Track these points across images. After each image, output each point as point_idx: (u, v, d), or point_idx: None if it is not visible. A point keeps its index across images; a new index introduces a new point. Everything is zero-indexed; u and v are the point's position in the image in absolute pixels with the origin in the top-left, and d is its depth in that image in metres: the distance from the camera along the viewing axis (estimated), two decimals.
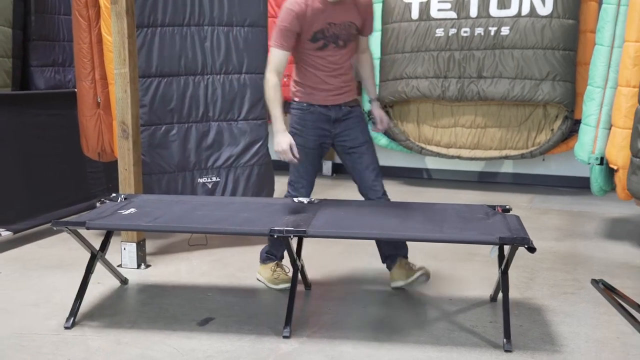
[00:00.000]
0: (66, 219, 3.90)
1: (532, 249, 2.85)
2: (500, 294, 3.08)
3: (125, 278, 3.74)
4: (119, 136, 3.96)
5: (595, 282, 3.76)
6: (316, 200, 3.47)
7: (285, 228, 2.99)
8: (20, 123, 4.72)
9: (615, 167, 4.37)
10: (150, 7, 4.16)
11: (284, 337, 2.99)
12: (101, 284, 3.68)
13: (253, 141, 4.51)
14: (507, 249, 3.03)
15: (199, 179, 4.43)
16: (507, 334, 2.90)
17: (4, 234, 4.43)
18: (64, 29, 5.84)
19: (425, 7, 6.12)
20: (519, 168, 6.85)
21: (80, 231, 3.19)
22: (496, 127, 6.23)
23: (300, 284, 3.52)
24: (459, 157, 6.38)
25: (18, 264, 4.09)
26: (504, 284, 3.02)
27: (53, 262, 4.13)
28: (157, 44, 4.22)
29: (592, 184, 4.69)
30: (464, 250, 4.34)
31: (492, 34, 5.93)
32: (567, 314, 3.34)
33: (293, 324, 3.05)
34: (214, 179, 4.46)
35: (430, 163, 7.13)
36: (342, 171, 7.24)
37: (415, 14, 6.14)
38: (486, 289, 3.64)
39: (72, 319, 3.12)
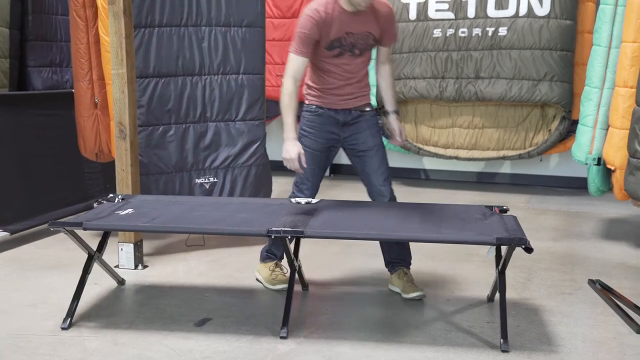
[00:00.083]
0: (63, 220, 3.89)
1: (529, 250, 2.85)
2: (498, 294, 3.08)
3: (123, 279, 3.74)
4: (116, 137, 3.95)
5: (592, 283, 3.76)
6: (314, 201, 3.48)
7: (283, 228, 2.99)
8: (17, 123, 4.71)
9: (613, 168, 4.37)
10: (148, 7, 4.16)
11: (282, 338, 2.99)
12: (98, 284, 3.67)
13: (251, 142, 4.51)
14: (504, 249, 3.03)
15: (197, 180, 4.43)
16: (504, 334, 2.90)
17: (1, 234, 4.43)
18: (61, 29, 5.84)
19: (423, 7, 6.13)
20: (517, 168, 6.86)
21: (78, 232, 3.18)
22: (494, 128, 6.24)
23: (297, 284, 3.52)
24: (456, 158, 6.39)
25: (15, 265, 4.08)
26: (501, 284, 3.02)
27: (50, 262, 4.13)
28: (155, 45, 4.22)
29: (589, 185, 4.69)
30: (462, 251, 4.34)
31: (490, 34, 5.94)
32: (564, 314, 3.34)
33: (290, 324, 3.05)
34: (211, 179, 4.45)
35: (428, 163, 7.13)
36: (340, 172, 7.24)
37: (413, 15, 6.15)
38: (483, 289, 3.64)
39: (69, 319, 3.12)
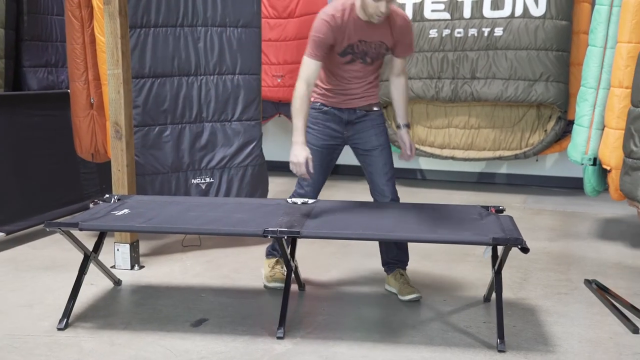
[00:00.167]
0: (59, 220, 3.89)
1: (525, 250, 2.86)
2: (494, 295, 3.08)
3: (119, 279, 3.73)
4: (112, 137, 3.95)
5: (588, 283, 3.77)
6: (310, 201, 3.47)
7: (279, 229, 2.98)
8: (13, 124, 4.70)
9: (608, 168, 4.38)
10: (143, 7, 4.15)
11: (278, 338, 2.99)
12: (94, 285, 3.66)
13: (247, 142, 4.51)
14: (500, 249, 3.03)
15: (193, 180, 4.42)
16: (501, 334, 2.91)
17: None
18: (56, 30, 5.83)
19: (418, 7, 6.14)
20: (513, 169, 6.87)
21: (74, 232, 3.17)
22: (490, 128, 6.25)
23: (293, 283, 3.52)
24: (452, 158, 6.40)
25: (11, 265, 4.07)
26: (497, 284, 3.02)
27: (46, 263, 4.12)
28: (151, 45, 4.21)
29: (585, 185, 4.70)
30: (458, 251, 4.35)
31: (486, 34, 5.95)
32: (560, 314, 3.34)
33: (287, 324, 3.05)
34: (207, 179, 4.45)
35: (424, 164, 7.14)
36: (336, 172, 7.21)
37: (409, 15, 6.13)
38: (480, 289, 3.64)
39: (65, 320, 3.11)
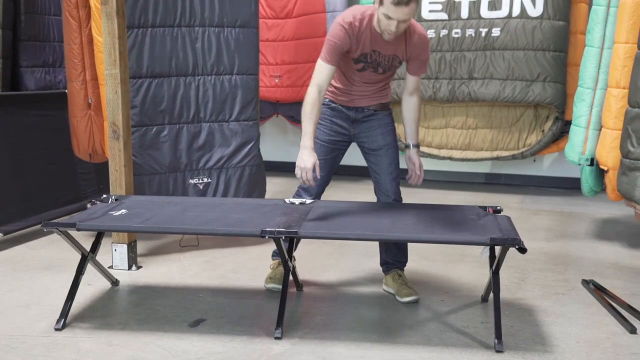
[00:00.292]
0: (56, 220, 3.89)
1: (523, 250, 2.86)
2: (492, 295, 3.09)
3: (116, 279, 3.73)
4: (109, 137, 3.94)
5: (585, 283, 3.77)
6: (308, 201, 3.47)
7: (277, 229, 2.98)
8: (10, 124, 4.69)
9: (606, 168, 4.39)
10: (141, 7, 4.15)
11: (276, 338, 2.99)
12: (92, 285, 3.66)
13: (244, 142, 4.51)
14: (498, 249, 3.04)
15: (190, 180, 4.42)
16: (498, 334, 2.91)
17: None
18: (54, 30, 5.82)
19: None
20: (510, 169, 6.87)
21: (71, 232, 3.17)
22: (487, 128, 6.26)
23: (291, 284, 3.52)
24: (450, 158, 6.40)
25: (8, 266, 4.07)
26: (495, 284, 3.03)
27: (43, 263, 4.11)
28: (148, 45, 4.21)
29: (582, 185, 4.71)
30: (456, 251, 4.35)
31: (483, 35, 5.95)
32: (558, 314, 3.35)
33: (285, 325, 3.05)
34: (205, 180, 4.45)
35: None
36: (335, 172, 7.22)
37: None
38: (477, 289, 3.65)
39: (63, 320, 3.11)
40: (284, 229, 2.99)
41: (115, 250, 3.98)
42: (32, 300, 3.48)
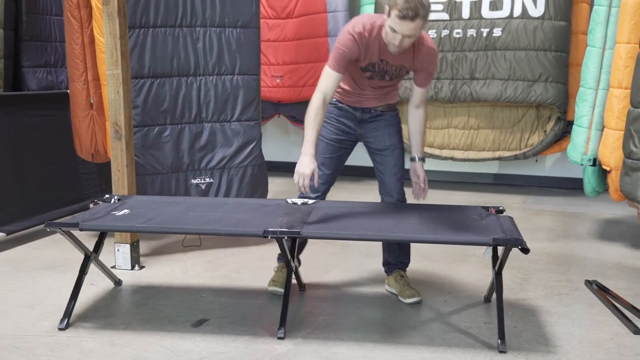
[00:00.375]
0: (59, 220, 3.89)
1: (525, 250, 2.86)
2: (494, 295, 3.08)
3: (119, 279, 3.73)
4: (112, 137, 3.94)
5: (588, 283, 3.77)
6: (310, 202, 3.47)
7: (279, 229, 2.98)
8: (12, 124, 4.70)
9: (608, 169, 4.39)
10: (142, 8, 4.15)
11: (279, 338, 2.99)
12: (95, 285, 3.66)
13: (246, 142, 4.51)
14: (500, 250, 3.03)
15: (193, 180, 4.42)
16: (501, 334, 2.91)
17: None
18: (56, 30, 5.82)
19: None
20: (512, 169, 6.87)
21: (74, 232, 3.17)
22: (489, 129, 6.25)
23: (294, 284, 3.52)
24: (452, 159, 6.40)
25: (11, 266, 4.07)
26: (497, 284, 3.02)
27: (46, 263, 4.11)
28: (150, 45, 4.21)
29: (585, 185, 4.71)
30: (458, 252, 4.35)
31: (485, 35, 5.95)
32: (561, 315, 3.35)
33: (287, 325, 3.05)
34: (207, 180, 4.45)
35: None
36: None
37: None
38: (480, 290, 3.64)
39: (66, 320, 3.11)
40: (286, 229, 2.99)
41: (118, 250, 3.98)
42: (35, 300, 3.48)
